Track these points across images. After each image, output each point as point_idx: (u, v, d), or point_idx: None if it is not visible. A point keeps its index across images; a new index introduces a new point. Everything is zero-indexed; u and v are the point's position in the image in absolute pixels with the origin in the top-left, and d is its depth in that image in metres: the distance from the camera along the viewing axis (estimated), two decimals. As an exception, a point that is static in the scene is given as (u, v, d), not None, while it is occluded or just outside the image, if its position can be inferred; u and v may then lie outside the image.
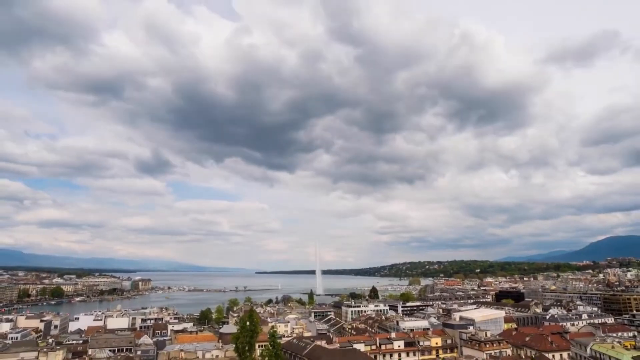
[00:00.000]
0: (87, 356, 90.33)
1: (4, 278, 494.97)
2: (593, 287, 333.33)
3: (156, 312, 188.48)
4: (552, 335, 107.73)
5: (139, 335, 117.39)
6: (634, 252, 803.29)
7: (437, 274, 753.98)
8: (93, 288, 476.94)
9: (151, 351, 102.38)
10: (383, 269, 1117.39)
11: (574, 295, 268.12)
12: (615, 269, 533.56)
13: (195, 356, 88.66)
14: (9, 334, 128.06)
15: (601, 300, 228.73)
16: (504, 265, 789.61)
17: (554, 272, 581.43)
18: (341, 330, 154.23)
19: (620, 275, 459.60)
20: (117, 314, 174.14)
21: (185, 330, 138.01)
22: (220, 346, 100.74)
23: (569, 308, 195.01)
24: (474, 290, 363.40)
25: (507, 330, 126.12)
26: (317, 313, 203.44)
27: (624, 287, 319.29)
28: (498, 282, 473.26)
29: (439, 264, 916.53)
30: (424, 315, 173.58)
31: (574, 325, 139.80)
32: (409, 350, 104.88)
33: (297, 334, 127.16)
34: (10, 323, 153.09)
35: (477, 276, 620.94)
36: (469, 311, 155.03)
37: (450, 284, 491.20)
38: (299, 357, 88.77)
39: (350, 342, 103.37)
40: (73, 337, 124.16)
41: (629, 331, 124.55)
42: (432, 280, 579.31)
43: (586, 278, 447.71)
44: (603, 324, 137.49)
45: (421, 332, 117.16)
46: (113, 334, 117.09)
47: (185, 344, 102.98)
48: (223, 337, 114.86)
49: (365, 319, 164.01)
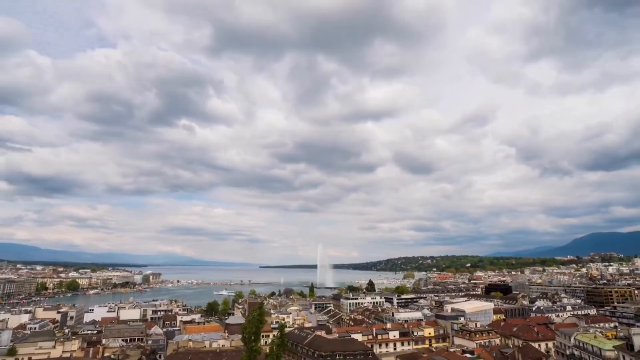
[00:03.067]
0: (101, 345, 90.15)
1: (23, 272, 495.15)
2: (577, 280, 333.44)
3: (166, 304, 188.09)
4: (538, 325, 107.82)
5: (149, 326, 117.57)
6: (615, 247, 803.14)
7: (430, 268, 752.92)
8: (107, 281, 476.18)
9: (161, 341, 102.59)
10: (379, 263, 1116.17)
11: (558, 288, 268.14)
12: (598, 264, 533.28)
13: (202, 345, 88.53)
14: (27, 325, 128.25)
15: (584, 293, 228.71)
16: (493, 260, 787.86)
17: (540, 266, 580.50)
18: (340, 321, 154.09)
19: (602, 269, 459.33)
20: (129, 306, 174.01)
21: (194, 321, 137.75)
22: (226, 336, 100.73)
23: (554, 300, 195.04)
24: (464, 284, 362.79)
25: (496, 321, 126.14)
26: (317, 305, 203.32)
27: (605, 280, 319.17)
28: (487, 276, 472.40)
29: (432, 258, 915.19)
30: (417, 307, 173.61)
31: (558, 317, 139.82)
32: (403, 340, 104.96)
33: (298, 324, 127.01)
34: (29, 314, 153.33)
35: (467, 270, 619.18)
36: (460, 303, 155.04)
37: (442, 278, 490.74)
38: (301, 346, 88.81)
39: (348, 332, 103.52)
40: (88, 328, 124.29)
41: (610, 322, 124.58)
42: (426, 274, 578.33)
43: (570, 272, 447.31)
44: (586, 315, 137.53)
45: (415, 323, 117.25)
46: (125, 325, 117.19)
47: (194, 334, 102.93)
48: (229, 327, 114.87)
49: (362, 311, 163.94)
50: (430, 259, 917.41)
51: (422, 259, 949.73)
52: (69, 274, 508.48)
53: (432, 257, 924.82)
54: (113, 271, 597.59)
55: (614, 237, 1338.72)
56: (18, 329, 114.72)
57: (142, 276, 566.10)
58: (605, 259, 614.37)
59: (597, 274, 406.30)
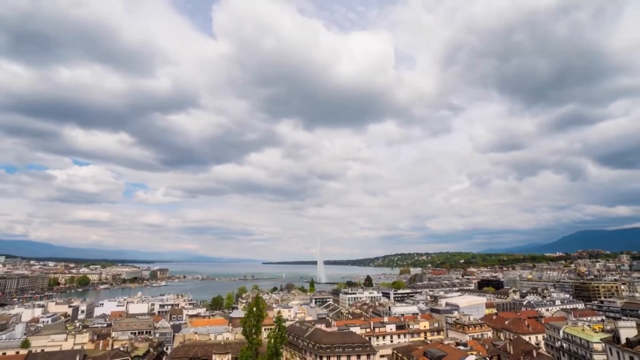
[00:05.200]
0: (111, 338, 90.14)
1: (36, 268, 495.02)
2: (565, 276, 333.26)
3: (173, 298, 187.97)
4: (529, 319, 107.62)
5: (157, 319, 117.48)
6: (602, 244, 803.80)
7: (425, 264, 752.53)
8: (116, 277, 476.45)
9: (168, 334, 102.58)
10: (377, 259, 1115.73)
11: (548, 283, 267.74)
12: (585, 260, 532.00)
13: (207, 338, 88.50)
14: (41, 319, 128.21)
15: (572, 288, 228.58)
16: (485, 256, 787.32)
17: (530, 262, 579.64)
18: (339, 315, 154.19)
19: (589, 265, 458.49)
20: (137, 300, 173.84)
21: (199, 315, 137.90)
22: (230, 329, 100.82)
23: (544, 295, 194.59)
24: (458, 279, 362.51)
25: (488, 315, 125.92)
26: (317, 299, 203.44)
27: (593, 276, 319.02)
28: (480, 271, 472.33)
29: (427, 255, 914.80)
30: (413, 301, 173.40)
31: (548, 311, 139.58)
32: (399, 333, 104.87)
33: (299, 318, 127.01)
34: (42, 308, 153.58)
35: (461, 266, 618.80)
36: (454, 298, 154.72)
37: (437, 274, 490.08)
38: (301, 338, 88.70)
39: (347, 326, 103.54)
40: (98, 321, 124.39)
41: (598, 315, 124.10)
42: (421, 270, 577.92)
43: (559, 268, 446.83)
44: (574, 309, 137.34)
45: (411, 317, 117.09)
46: (134, 318, 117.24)
47: (199, 327, 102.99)
48: (233, 321, 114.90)
49: (360, 305, 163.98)
50: (426, 255, 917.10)
51: (417, 255, 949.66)
52: (80, 269, 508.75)
53: (427, 254, 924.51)
54: (122, 267, 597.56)
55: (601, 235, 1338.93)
56: (31, 322, 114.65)
57: (150, 272, 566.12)
58: (593, 255, 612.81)
59: (585, 270, 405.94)
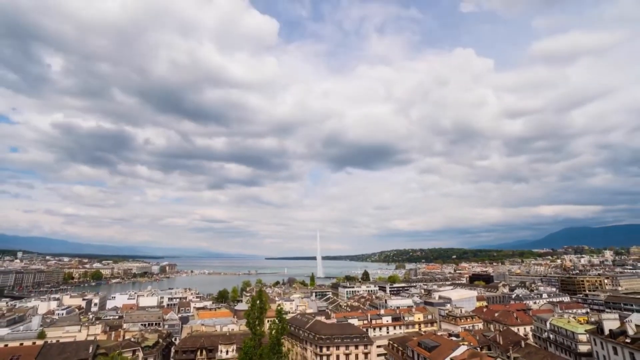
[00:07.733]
0: (122, 329, 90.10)
1: (51, 263, 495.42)
2: (552, 271, 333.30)
3: (181, 292, 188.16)
4: (517, 311, 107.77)
5: (166, 312, 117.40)
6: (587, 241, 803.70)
7: (419, 260, 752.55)
8: (127, 272, 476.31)
9: (176, 325, 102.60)
10: (373, 255, 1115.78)
11: (535, 277, 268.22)
12: (571, 256, 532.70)
13: (214, 330, 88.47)
14: (56, 311, 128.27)
15: (559, 282, 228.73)
16: (476, 252, 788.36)
17: (519, 258, 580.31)
18: (338, 308, 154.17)
19: (575, 260, 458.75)
20: (147, 294, 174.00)
21: (206, 308, 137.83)
22: (235, 321, 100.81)
23: (532, 289, 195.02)
24: (450, 274, 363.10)
25: (479, 307, 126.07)
26: (317, 293, 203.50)
27: (578, 271, 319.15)
28: (471, 266, 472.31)
29: (421, 251, 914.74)
30: (408, 294, 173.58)
31: (535, 303, 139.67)
32: (395, 325, 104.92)
33: (300, 310, 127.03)
34: (57, 301, 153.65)
35: (453, 262, 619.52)
36: (447, 291, 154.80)
37: (430, 269, 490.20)
38: (302, 330, 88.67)
39: (345, 318, 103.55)
40: (110, 314, 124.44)
41: (583, 308, 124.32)
42: (415, 265, 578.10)
43: (546, 263, 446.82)
44: (560, 302, 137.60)
45: (406, 309, 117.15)
46: (144, 311, 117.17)
47: (206, 320, 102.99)
48: (238, 313, 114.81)
49: (358, 298, 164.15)
50: (420, 251, 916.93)
51: (412, 251, 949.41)
52: (93, 264, 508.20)
53: (422, 250, 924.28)
54: (133, 262, 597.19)
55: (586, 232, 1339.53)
56: (47, 315, 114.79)
57: (159, 267, 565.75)
58: (578, 251, 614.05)
59: (571, 265, 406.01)
